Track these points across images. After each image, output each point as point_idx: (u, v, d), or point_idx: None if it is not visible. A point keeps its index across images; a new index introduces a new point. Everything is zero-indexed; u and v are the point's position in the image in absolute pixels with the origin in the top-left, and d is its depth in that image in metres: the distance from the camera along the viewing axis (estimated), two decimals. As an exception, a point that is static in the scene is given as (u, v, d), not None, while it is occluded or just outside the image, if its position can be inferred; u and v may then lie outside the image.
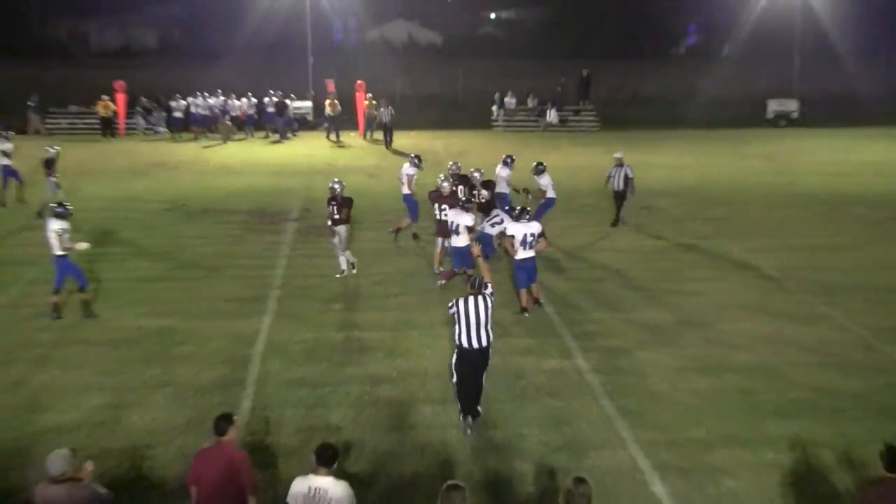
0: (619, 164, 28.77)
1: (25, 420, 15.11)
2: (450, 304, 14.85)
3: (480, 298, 14.59)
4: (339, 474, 9.92)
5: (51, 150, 30.83)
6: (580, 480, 9.35)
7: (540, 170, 27.21)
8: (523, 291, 20.56)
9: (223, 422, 10.58)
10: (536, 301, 20.84)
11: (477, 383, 14.84)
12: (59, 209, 20.10)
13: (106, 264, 24.03)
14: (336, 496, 9.67)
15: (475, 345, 14.49)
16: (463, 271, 21.47)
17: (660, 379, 16.92)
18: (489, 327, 14.64)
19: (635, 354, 18.11)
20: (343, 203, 22.62)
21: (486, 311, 14.57)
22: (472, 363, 14.60)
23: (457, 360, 14.76)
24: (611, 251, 25.96)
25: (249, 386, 16.47)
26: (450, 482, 9.38)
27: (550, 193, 26.99)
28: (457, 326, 14.58)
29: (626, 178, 28.57)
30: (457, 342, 14.65)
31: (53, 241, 19.69)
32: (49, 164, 30.39)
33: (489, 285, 15.09)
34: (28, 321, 19.87)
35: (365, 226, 28.35)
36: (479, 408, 14.94)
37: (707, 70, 69.58)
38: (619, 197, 28.89)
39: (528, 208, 21.23)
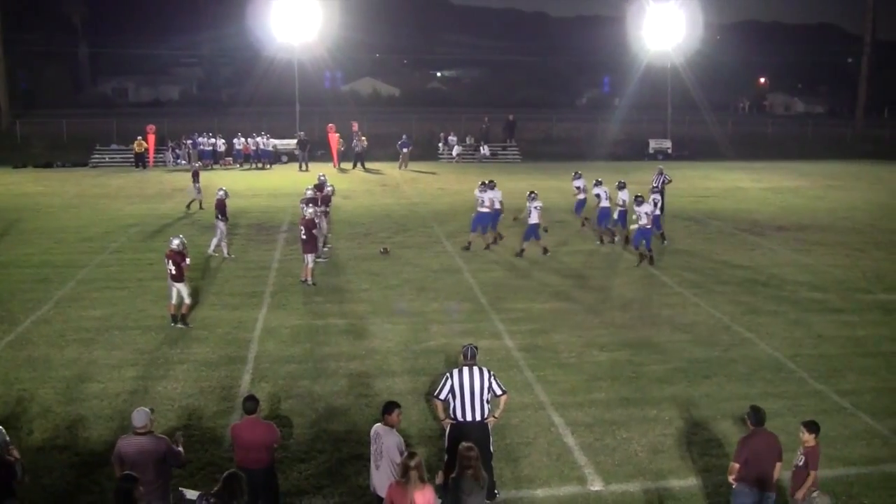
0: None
1: (77, 389, 14.88)
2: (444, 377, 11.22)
3: (476, 370, 11.03)
4: (318, 432, 9.73)
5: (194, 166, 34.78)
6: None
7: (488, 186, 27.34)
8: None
9: (252, 402, 10.29)
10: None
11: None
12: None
13: (139, 267, 23.70)
14: (387, 441, 9.68)
15: (469, 417, 10.85)
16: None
17: (569, 354, 16.89)
18: (485, 399, 10.92)
19: (550, 335, 18.03)
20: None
21: (482, 383, 10.91)
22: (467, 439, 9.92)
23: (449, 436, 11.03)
24: (530, 254, 25.84)
25: (249, 362, 16.23)
26: (409, 451, 9.11)
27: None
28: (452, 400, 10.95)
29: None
30: (451, 416, 10.99)
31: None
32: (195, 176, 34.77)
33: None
34: (77, 311, 19.46)
35: (340, 237, 28.08)
36: (496, 491, 11.21)
37: (603, 117, 70.04)
38: None
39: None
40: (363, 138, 52.00)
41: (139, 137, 52.86)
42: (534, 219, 25.10)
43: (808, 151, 62.39)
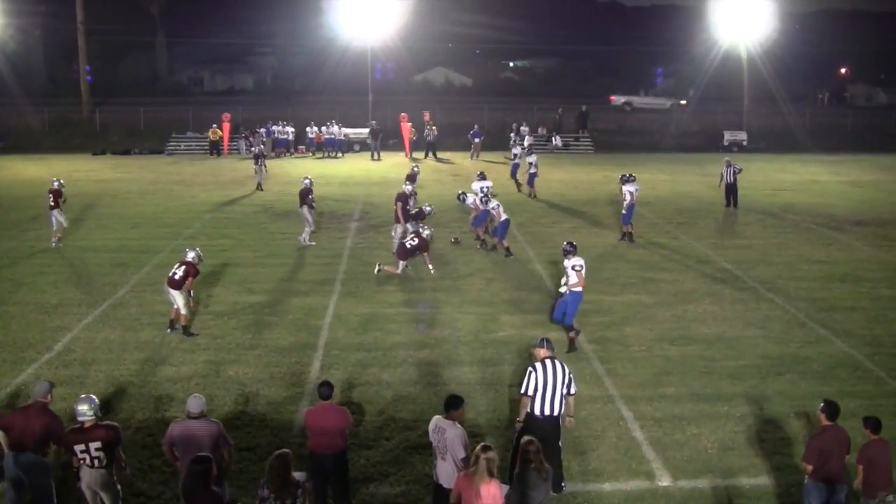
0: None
1: (151, 371, 15.18)
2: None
3: (558, 363, 10.91)
4: (386, 419, 9.77)
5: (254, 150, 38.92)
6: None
7: (480, 177, 27.80)
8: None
9: (327, 388, 10.42)
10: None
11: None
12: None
13: (212, 253, 23.92)
14: (450, 434, 9.53)
15: (547, 411, 10.77)
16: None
17: (639, 347, 16.73)
18: (563, 395, 10.83)
19: (621, 328, 17.89)
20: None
21: (564, 378, 10.80)
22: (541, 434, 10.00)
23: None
24: (602, 246, 25.64)
25: (319, 349, 16.38)
26: (483, 443, 8.86)
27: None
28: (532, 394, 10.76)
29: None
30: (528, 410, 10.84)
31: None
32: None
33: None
34: (152, 296, 19.81)
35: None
36: (563, 484, 11.21)
37: (676, 108, 69.06)
38: None
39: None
40: (434, 128, 52.05)
41: (214, 126, 53.61)
42: (503, 215, 24.25)
43: (891, 144, 60.35)
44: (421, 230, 22.26)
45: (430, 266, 21.72)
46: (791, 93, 67.41)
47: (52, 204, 24.77)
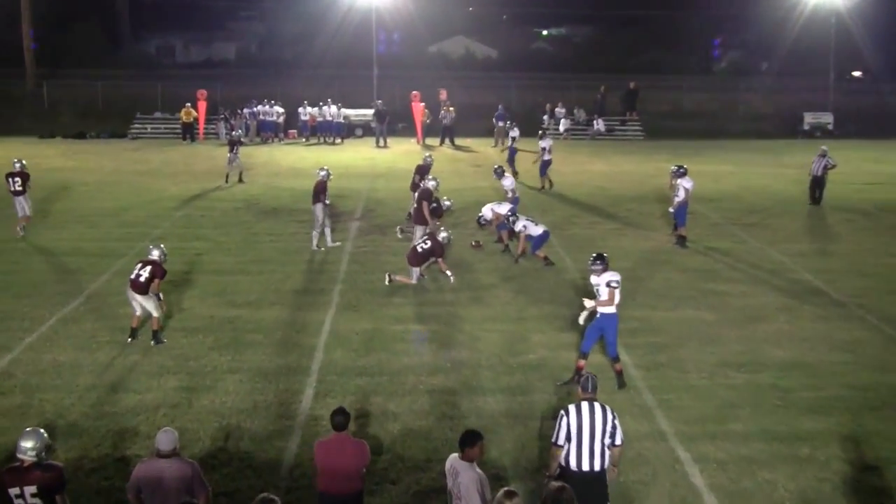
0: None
1: (109, 400, 15.14)
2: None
3: (598, 406, 10.66)
4: (393, 458, 9.74)
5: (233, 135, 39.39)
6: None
7: (500, 173, 28.70)
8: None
9: (343, 416, 10.50)
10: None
11: None
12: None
13: (184, 258, 23.99)
14: (464, 478, 9.49)
15: (585, 466, 10.54)
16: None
17: (699, 374, 16.61)
18: (606, 445, 10.62)
19: (675, 350, 17.79)
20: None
21: (605, 425, 10.57)
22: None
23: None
24: (651, 252, 25.58)
25: (313, 374, 16.37)
26: (506, 489, 8.73)
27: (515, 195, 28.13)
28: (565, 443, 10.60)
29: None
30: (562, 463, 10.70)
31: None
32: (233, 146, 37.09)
33: None
34: (112, 308, 19.85)
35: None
36: None
37: (746, 85, 68.67)
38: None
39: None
40: (451, 109, 52.03)
41: (187, 105, 53.76)
42: (537, 230, 24.22)
43: None
44: (437, 232, 22.24)
45: (448, 273, 21.73)
46: (889, 66, 66.64)
47: (20, 189, 26.18)
